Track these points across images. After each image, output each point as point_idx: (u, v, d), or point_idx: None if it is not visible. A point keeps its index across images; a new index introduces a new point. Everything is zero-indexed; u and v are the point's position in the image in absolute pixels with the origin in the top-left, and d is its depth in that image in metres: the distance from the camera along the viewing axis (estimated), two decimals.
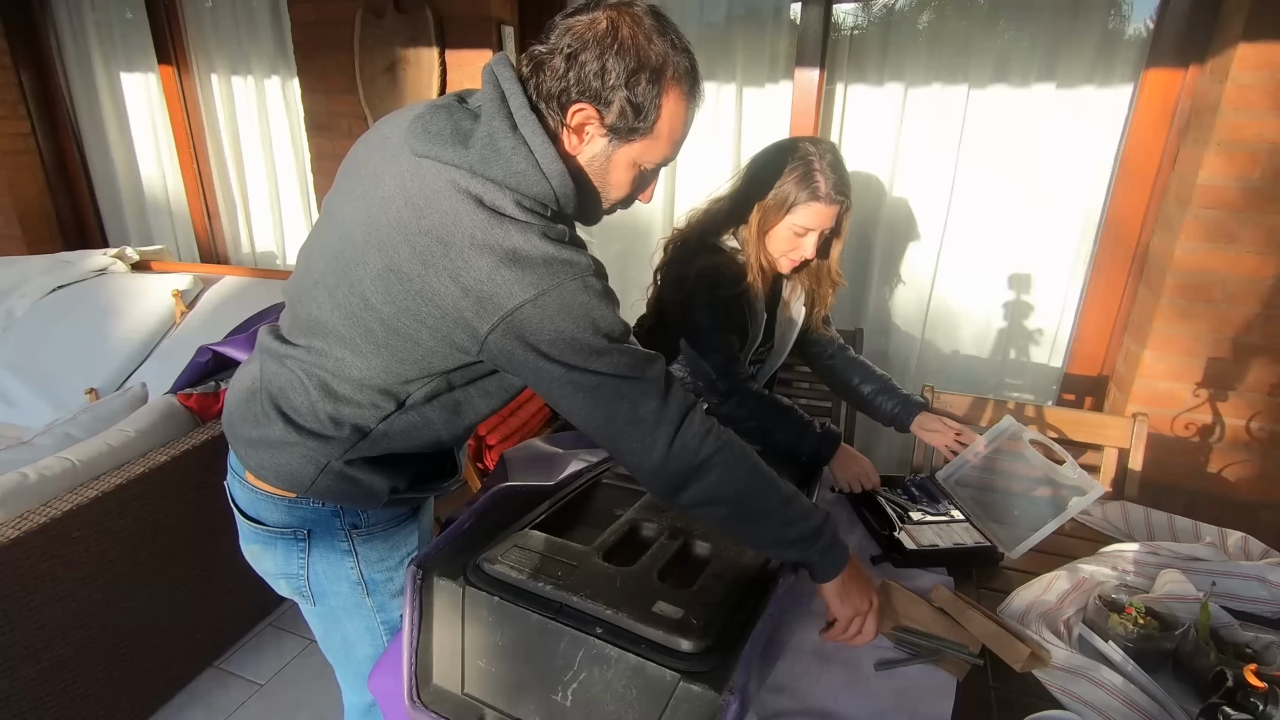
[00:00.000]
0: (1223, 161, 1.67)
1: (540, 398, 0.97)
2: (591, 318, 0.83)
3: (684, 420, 0.87)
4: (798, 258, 1.39)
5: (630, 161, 0.90)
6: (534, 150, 0.83)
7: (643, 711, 0.78)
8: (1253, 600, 1.10)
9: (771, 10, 2.21)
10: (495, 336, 0.82)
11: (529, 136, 0.83)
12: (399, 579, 1.09)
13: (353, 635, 1.12)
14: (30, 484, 1.45)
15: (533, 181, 0.83)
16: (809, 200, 1.32)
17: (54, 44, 3.20)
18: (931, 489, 1.41)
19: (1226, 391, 1.84)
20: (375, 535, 1.05)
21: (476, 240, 0.80)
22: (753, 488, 0.91)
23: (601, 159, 0.89)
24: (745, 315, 1.43)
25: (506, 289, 0.80)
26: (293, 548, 1.04)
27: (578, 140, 0.87)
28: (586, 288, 0.83)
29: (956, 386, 2.32)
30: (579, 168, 0.89)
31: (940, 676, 0.96)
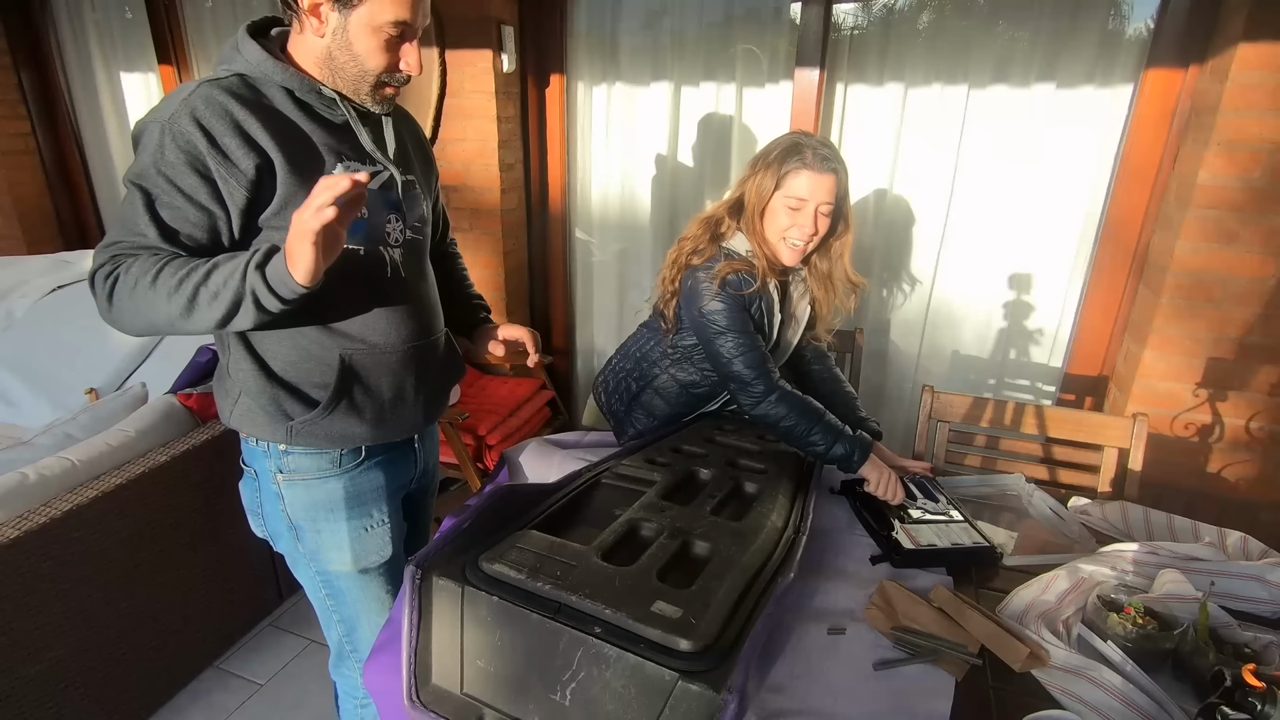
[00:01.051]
0: (1223, 161, 1.67)
1: (539, 399, 0.96)
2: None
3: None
4: (799, 239, 1.38)
5: (366, 26, 0.98)
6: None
7: (642, 711, 0.78)
8: (1252, 600, 1.10)
9: (771, 10, 2.21)
10: None
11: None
12: (326, 533, 1.17)
13: (303, 583, 1.25)
14: (30, 484, 1.45)
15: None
16: (798, 168, 1.33)
17: (54, 44, 3.21)
18: (930, 488, 1.41)
19: (1226, 391, 1.84)
20: (297, 483, 1.15)
21: None
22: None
23: (340, 32, 0.99)
24: (764, 317, 1.44)
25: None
26: (253, 485, 1.18)
27: (318, 21, 0.98)
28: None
29: (956, 386, 2.32)
30: (328, 50, 1.01)
31: (939, 676, 0.96)
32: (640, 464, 1.26)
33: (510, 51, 2.38)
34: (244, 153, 0.96)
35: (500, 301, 2.67)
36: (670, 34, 2.33)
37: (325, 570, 1.21)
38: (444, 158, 2.54)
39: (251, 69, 1.01)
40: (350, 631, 1.26)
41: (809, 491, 1.24)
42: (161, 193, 0.96)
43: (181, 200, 0.96)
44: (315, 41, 1.01)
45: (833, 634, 1.03)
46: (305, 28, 1.00)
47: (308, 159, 1.02)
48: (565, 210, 2.69)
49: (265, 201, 1.00)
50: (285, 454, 1.13)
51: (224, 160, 0.96)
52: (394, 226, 1.12)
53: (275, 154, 0.98)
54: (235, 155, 0.96)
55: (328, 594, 1.23)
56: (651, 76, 2.40)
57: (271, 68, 1.01)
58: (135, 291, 0.94)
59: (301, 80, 1.02)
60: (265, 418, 1.10)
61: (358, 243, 1.04)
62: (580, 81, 2.52)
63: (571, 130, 2.59)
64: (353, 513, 1.18)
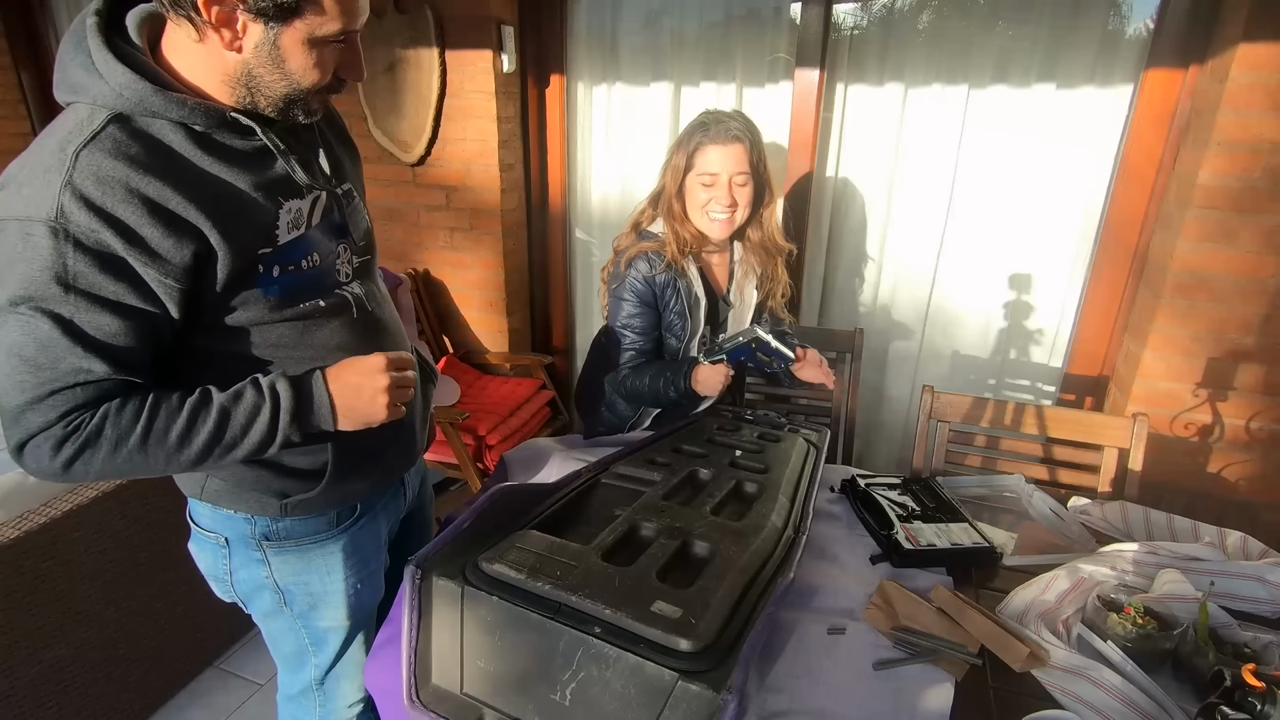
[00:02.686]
0: (1223, 161, 1.67)
1: (539, 399, 0.95)
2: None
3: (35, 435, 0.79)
4: (720, 213, 1.42)
5: (302, 41, 0.80)
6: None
7: (642, 711, 0.78)
8: (1251, 600, 1.10)
9: (771, 10, 2.21)
10: None
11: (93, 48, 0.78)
12: (319, 594, 1.09)
13: (276, 634, 1.15)
14: (30, 484, 1.45)
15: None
16: (704, 144, 1.38)
17: (54, 44, 3.20)
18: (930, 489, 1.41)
19: (1226, 391, 1.83)
20: (288, 549, 1.04)
21: None
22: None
23: (267, 47, 0.79)
24: (684, 301, 1.48)
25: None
26: (218, 553, 1.04)
27: (231, 34, 0.78)
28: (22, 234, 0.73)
29: (956, 386, 2.32)
30: (245, 65, 0.80)
31: (939, 676, 0.96)
32: (640, 464, 1.26)
33: (510, 51, 2.38)
34: (172, 242, 0.77)
35: (500, 301, 2.67)
36: (670, 34, 2.33)
37: (314, 626, 1.12)
38: (444, 158, 2.54)
39: (128, 105, 0.77)
40: (324, 674, 1.18)
41: (809, 491, 1.24)
42: (78, 311, 0.75)
43: (107, 315, 0.77)
44: (225, 57, 0.80)
45: (833, 634, 1.03)
46: (207, 38, 0.78)
47: (242, 217, 0.83)
48: (565, 210, 2.69)
49: (209, 288, 0.83)
50: (275, 522, 1.02)
51: (149, 258, 0.76)
52: (343, 260, 0.98)
53: (208, 228, 0.79)
54: (162, 247, 0.77)
55: (310, 644, 1.14)
56: (651, 76, 2.40)
57: (158, 102, 0.77)
58: (115, 455, 0.80)
59: (206, 110, 0.80)
60: (252, 496, 0.98)
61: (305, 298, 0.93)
62: (580, 81, 2.52)
63: (571, 130, 2.59)
64: (350, 570, 1.10)
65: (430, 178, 2.59)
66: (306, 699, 1.21)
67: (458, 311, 2.77)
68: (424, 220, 2.68)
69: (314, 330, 0.94)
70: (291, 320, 0.91)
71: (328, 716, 1.22)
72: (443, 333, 2.80)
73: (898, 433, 2.48)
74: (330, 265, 0.96)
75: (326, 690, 1.20)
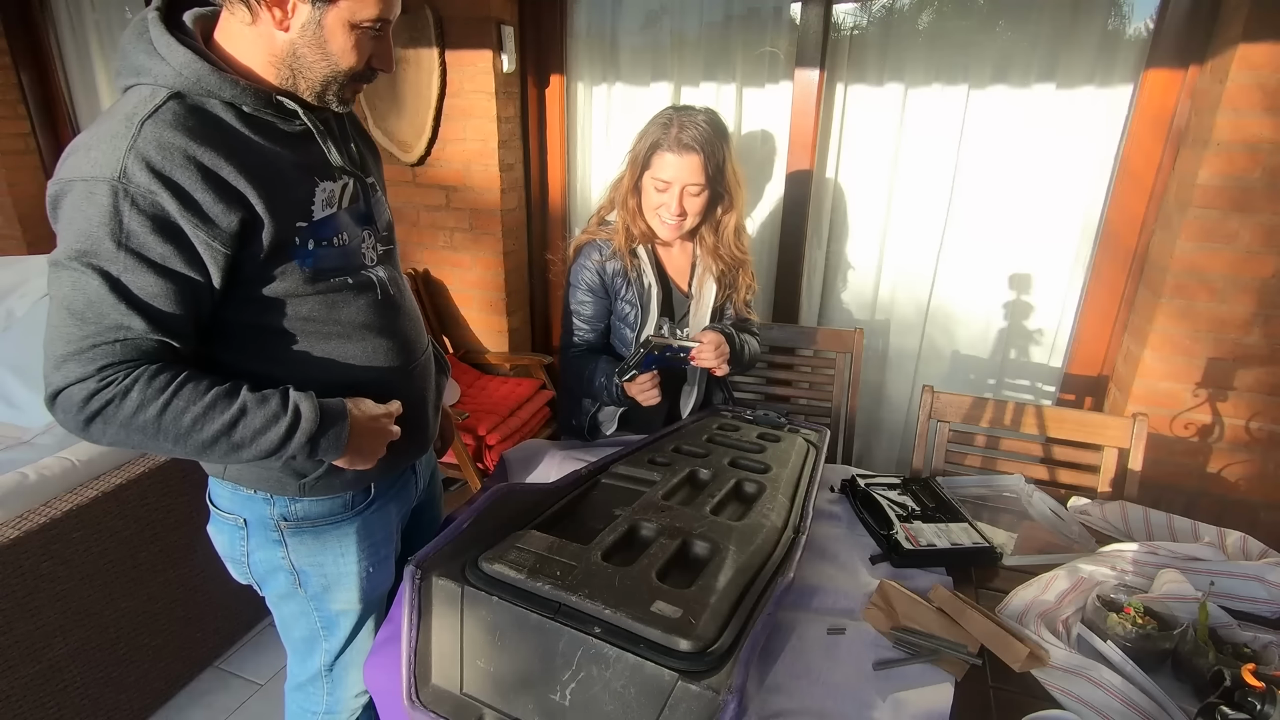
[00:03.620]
0: (1223, 161, 1.67)
1: (539, 399, 0.97)
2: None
3: (73, 383, 0.83)
4: (670, 218, 1.43)
5: (343, 23, 0.88)
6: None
7: (641, 711, 0.78)
8: (1251, 600, 1.10)
9: (771, 10, 2.21)
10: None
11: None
12: (334, 576, 1.12)
13: (289, 618, 1.18)
14: (30, 484, 1.45)
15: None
16: (661, 150, 1.38)
17: (54, 44, 3.21)
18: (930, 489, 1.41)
19: (1226, 391, 1.83)
20: (305, 530, 1.07)
21: None
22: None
23: (312, 27, 0.87)
24: (635, 290, 1.50)
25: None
26: (236, 534, 1.08)
27: (281, 14, 0.85)
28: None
29: (956, 386, 2.32)
30: (292, 45, 0.88)
31: (939, 676, 0.96)
32: (640, 464, 1.26)
33: (510, 51, 2.38)
34: (222, 207, 0.83)
35: (500, 301, 2.67)
36: (670, 34, 2.33)
37: (326, 609, 1.15)
38: (444, 158, 2.54)
39: (188, 84, 0.84)
40: (334, 660, 1.20)
41: (809, 491, 1.24)
42: (125, 270, 0.81)
43: (153, 275, 0.82)
44: (274, 37, 0.87)
45: (833, 634, 1.03)
46: (260, 19, 0.86)
47: (284, 189, 0.90)
48: (565, 210, 2.69)
49: (252, 256, 0.89)
50: (293, 503, 1.05)
51: (200, 220, 0.82)
52: (368, 245, 1.04)
53: (254, 198, 0.86)
54: (214, 212, 0.83)
55: (322, 628, 1.17)
56: (651, 76, 2.40)
57: (215, 81, 0.85)
58: (135, 419, 0.84)
59: (256, 92, 0.88)
60: (272, 475, 1.02)
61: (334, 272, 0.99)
62: (580, 81, 2.52)
63: (571, 130, 2.59)
64: (364, 553, 1.13)
65: (430, 178, 2.59)
66: (314, 687, 1.24)
67: (458, 311, 2.77)
68: (424, 220, 2.68)
69: (341, 306, 0.99)
70: (322, 294, 0.97)
71: (334, 706, 1.25)
72: (443, 333, 2.80)
73: (898, 433, 2.48)
74: (357, 247, 1.02)
75: (335, 678, 1.22)
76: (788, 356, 2.20)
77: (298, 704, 1.27)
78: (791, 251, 2.35)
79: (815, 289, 2.44)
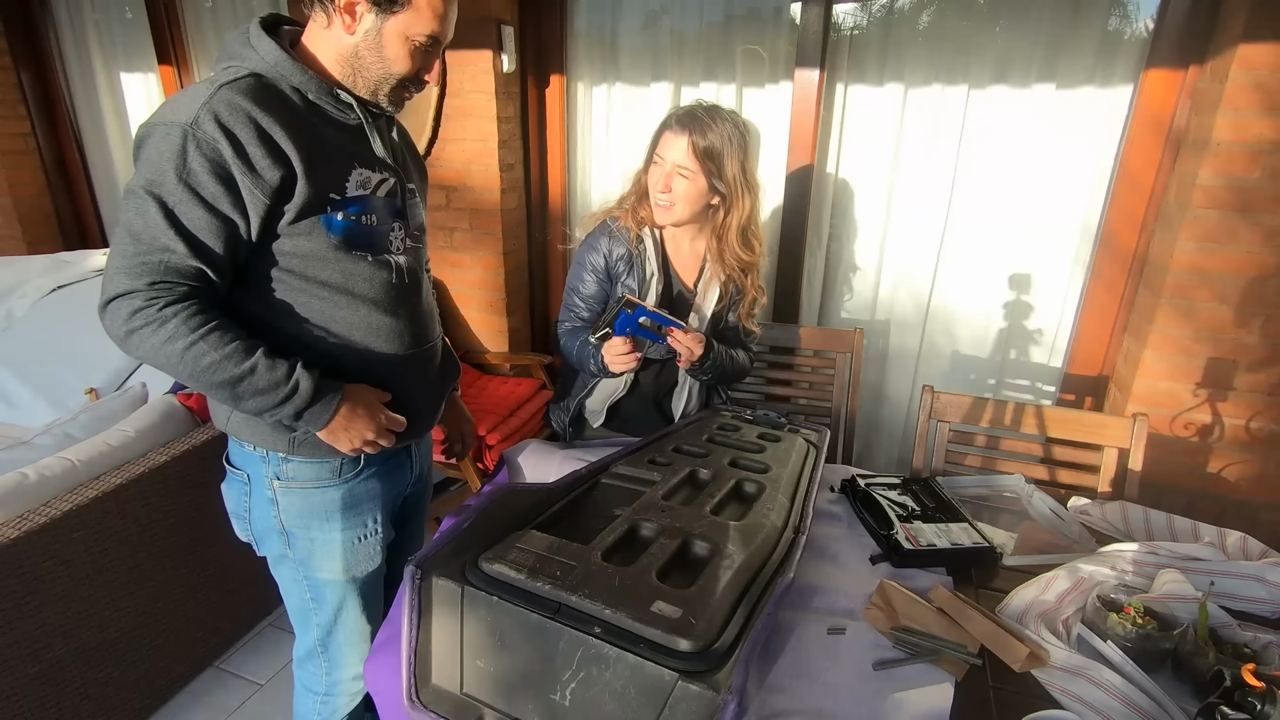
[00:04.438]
0: (1223, 161, 1.67)
1: (539, 399, 0.99)
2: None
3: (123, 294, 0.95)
4: (660, 198, 1.47)
5: (400, 34, 1.02)
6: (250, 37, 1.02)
7: (641, 711, 0.78)
8: (1251, 600, 1.10)
9: (771, 10, 2.21)
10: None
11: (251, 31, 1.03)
12: (319, 541, 1.17)
13: (286, 583, 1.24)
14: (30, 484, 1.45)
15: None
16: (663, 129, 1.45)
17: (54, 44, 3.21)
18: (930, 489, 1.41)
19: (1226, 391, 1.83)
20: (294, 491, 1.14)
21: None
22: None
23: (374, 33, 1.01)
24: (637, 275, 1.52)
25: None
26: (241, 489, 1.17)
27: (350, 19, 1.00)
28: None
29: (956, 386, 2.32)
30: (355, 47, 1.02)
31: (939, 676, 0.96)
32: (640, 464, 1.26)
33: (510, 51, 2.38)
34: (269, 163, 0.96)
35: (500, 301, 2.67)
36: (670, 34, 2.33)
37: (312, 576, 1.21)
38: (444, 158, 2.54)
39: (267, 68, 1.01)
40: (326, 635, 1.26)
41: (809, 491, 1.24)
42: (179, 202, 0.94)
43: (202, 210, 0.95)
44: (342, 39, 1.02)
45: (833, 634, 1.03)
46: (334, 23, 1.01)
47: (324, 161, 1.02)
48: (565, 210, 2.69)
49: (283, 211, 1.01)
50: (285, 461, 1.13)
51: (249, 170, 0.96)
52: (396, 235, 1.14)
53: (298, 163, 0.99)
54: (261, 165, 0.96)
55: (311, 598, 1.23)
56: (651, 76, 2.40)
57: (289, 68, 1.01)
58: (165, 346, 0.96)
59: (319, 83, 1.03)
60: (267, 427, 1.10)
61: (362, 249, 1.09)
62: (580, 81, 2.52)
63: (571, 130, 2.59)
64: (348, 522, 1.18)
65: (430, 177, 2.58)
66: (313, 663, 1.30)
67: (458, 311, 2.77)
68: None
69: (357, 279, 1.09)
70: (342, 263, 1.07)
71: (333, 688, 1.30)
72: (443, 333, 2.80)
73: (898, 433, 2.48)
74: (385, 232, 1.12)
75: (330, 656, 1.27)
76: (788, 356, 2.21)
77: (301, 681, 1.34)
78: (791, 252, 2.35)
79: (815, 289, 2.44)
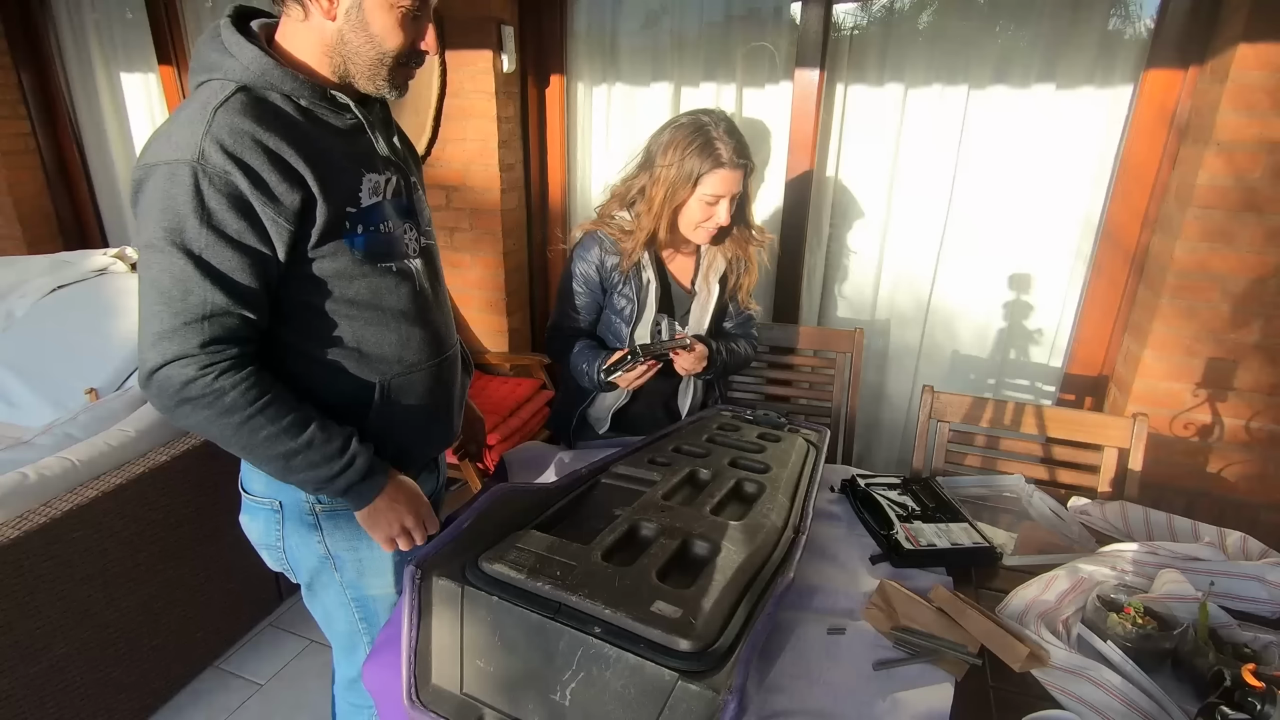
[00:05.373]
0: (1223, 161, 1.67)
1: (539, 399, 0.98)
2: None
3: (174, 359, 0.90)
4: (713, 226, 1.45)
5: (383, 4, 0.93)
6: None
7: (641, 711, 0.78)
8: (1251, 600, 1.10)
9: (771, 10, 2.21)
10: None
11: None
12: (368, 560, 1.14)
13: (330, 608, 1.19)
14: (30, 484, 1.45)
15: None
16: (714, 168, 1.38)
17: (54, 44, 3.20)
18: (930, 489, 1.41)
19: (1226, 391, 1.83)
20: (339, 514, 1.10)
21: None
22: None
23: (355, 11, 0.93)
24: (633, 284, 1.51)
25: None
26: (271, 518, 1.11)
27: (329, 3, 0.92)
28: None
29: (956, 386, 2.32)
30: (340, 33, 0.94)
31: (939, 676, 0.96)
32: (640, 464, 1.26)
33: (510, 51, 2.38)
34: (286, 187, 0.91)
35: (500, 301, 2.67)
36: (670, 34, 2.33)
37: (363, 596, 1.17)
38: (444, 158, 2.54)
39: (253, 78, 0.92)
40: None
41: (809, 491, 1.24)
42: (206, 247, 0.88)
43: (230, 250, 0.89)
44: (323, 26, 0.94)
45: (833, 634, 1.03)
46: (310, 13, 0.93)
47: (335, 177, 0.97)
48: (565, 210, 2.69)
49: (308, 235, 0.96)
50: None
51: (268, 198, 0.90)
52: (410, 236, 1.10)
53: (313, 181, 0.93)
54: (278, 190, 0.90)
55: (361, 618, 1.19)
56: (651, 76, 2.40)
57: (277, 75, 0.93)
58: (219, 419, 0.92)
59: (311, 87, 0.96)
60: None
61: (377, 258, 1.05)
62: (580, 81, 2.52)
63: (571, 130, 2.59)
64: None
65: (430, 177, 2.59)
66: (360, 688, 1.24)
67: (458, 311, 2.77)
68: None
69: (385, 293, 1.05)
70: (369, 277, 1.03)
71: None
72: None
73: (898, 433, 2.48)
74: (400, 236, 1.07)
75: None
76: (788, 356, 2.20)
77: (349, 702, 1.29)
78: (791, 251, 2.35)
79: (815, 289, 2.44)
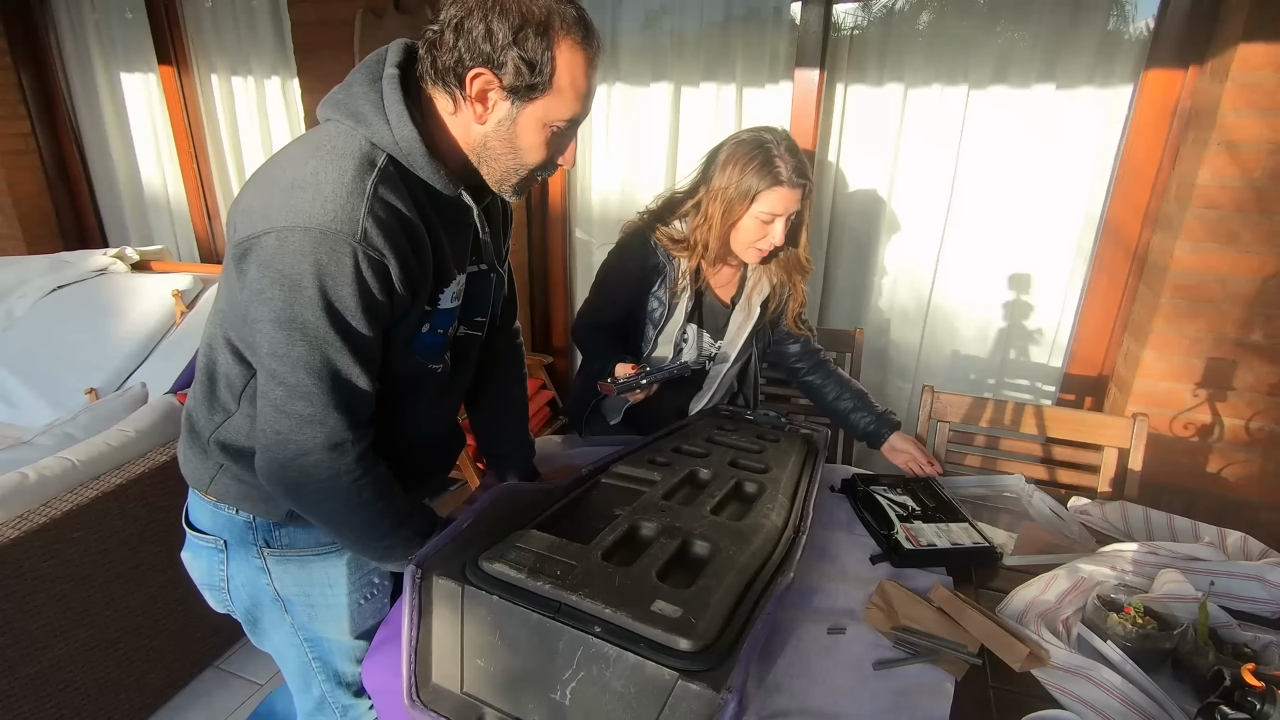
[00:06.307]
0: (1223, 161, 1.67)
1: (539, 399, 0.96)
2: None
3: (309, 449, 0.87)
4: (766, 246, 1.42)
5: (538, 121, 0.89)
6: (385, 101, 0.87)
7: (641, 710, 0.78)
8: (1251, 600, 1.10)
9: (771, 10, 2.21)
10: (229, 261, 0.86)
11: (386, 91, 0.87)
12: (320, 606, 1.08)
13: (280, 645, 1.13)
14: (30, 484, 1.45)
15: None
16: (772, 186, 1.35)
17: (54, 44, 3.20)
18: (930, 489, 1.41)
19: (1226, 391, 1.83)
20: (290, 559, 1.04)
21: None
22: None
23: (508, 123, 0.88)
24: (668, 287, 1.49)
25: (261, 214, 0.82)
26: (215, 557, 1.05)
27: (482, 108, 0.87)
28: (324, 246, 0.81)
29: (956, 386, 2.32)
30: (484, 137, 0.90)
31: (939, 676, 0.96)
32: (640, 464, 1.26)
33: None
34: (402, 284, 0.88)
35: None
36: (670, 34, 2.33)
37: (315, 635, 1.11)
38: None
39: (400, 154, 0.87)
40: (336, 683, 1.16)
41: (809, 491, 1.24)
42: (361, 328, 0.85)
43: (373, 333, 0.87)
44: (470, 127, 0.90)
45: (833, 634, 1.03)
46: (461, 110, 0.89)
47: (437, 274, 0.94)
48: (565, 210, 2.69)
49: (398, 319, 0.93)
50: (277, 527, 1.02)
51: (401, 286, 0.87)
52: (460, 331, 1.06)
53: (426, 279, 0.91)
54: (401, 282, 0.87)
55: (314, 657, 1.13)
56: (651, 76, 2.40)
57: (423, 162, 0.88)
58: (352, 510, 0.92)
59: (446, 182, 0.91)
60: (257, 492, 0.98)
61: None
62: None
63: None
64: (354, 584, 1.09)
65: None
66: (325, 714, 1.20)
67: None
68: None
69: (417, 380, 1.02)
70: (408, 366, 0.99)
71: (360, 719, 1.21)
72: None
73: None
74: (451, 335, 1.03)
75: (341, 701, 1.19)
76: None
77: None
78: None
79: (815, 289, 2.44)
